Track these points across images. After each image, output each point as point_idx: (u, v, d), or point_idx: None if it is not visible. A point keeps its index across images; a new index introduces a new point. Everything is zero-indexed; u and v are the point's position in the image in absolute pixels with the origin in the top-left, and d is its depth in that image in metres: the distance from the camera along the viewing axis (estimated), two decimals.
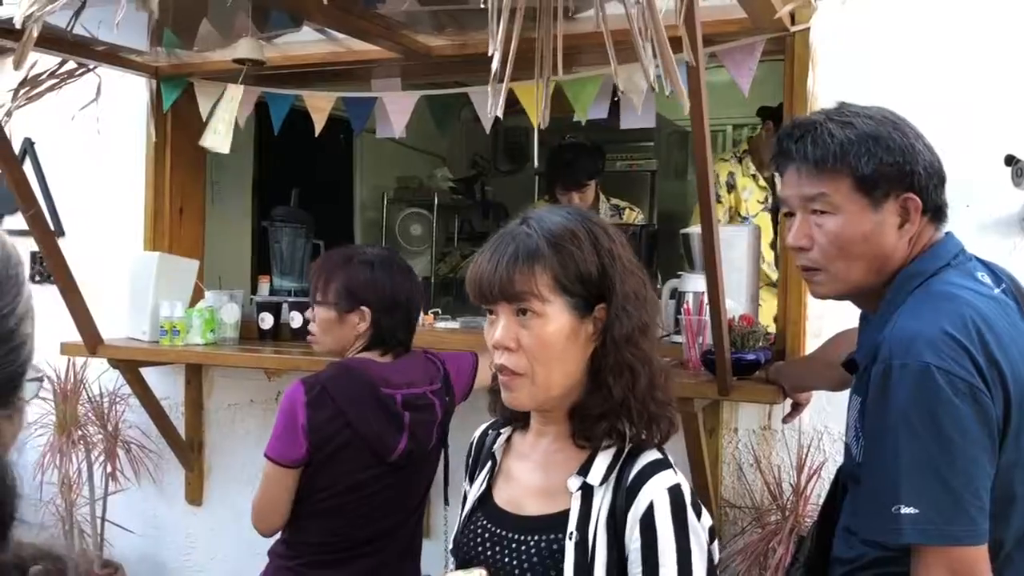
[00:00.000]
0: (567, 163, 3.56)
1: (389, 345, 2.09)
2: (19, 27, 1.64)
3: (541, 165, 4.22)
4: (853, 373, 1.49)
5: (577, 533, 1.23)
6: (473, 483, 1.43)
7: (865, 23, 2.32)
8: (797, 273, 1.78)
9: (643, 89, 2.37)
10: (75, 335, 2.85)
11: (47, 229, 2.80)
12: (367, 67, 2.83)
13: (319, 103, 2.80)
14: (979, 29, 2.23)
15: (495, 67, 1.33)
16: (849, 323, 1.69)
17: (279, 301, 3.10)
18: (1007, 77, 2.22)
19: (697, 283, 2.38)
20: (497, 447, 1.41)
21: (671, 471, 1.25)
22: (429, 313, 2.99)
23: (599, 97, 2.54)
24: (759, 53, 2.32)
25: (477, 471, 1.44)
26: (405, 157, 5.06)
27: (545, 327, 1.23)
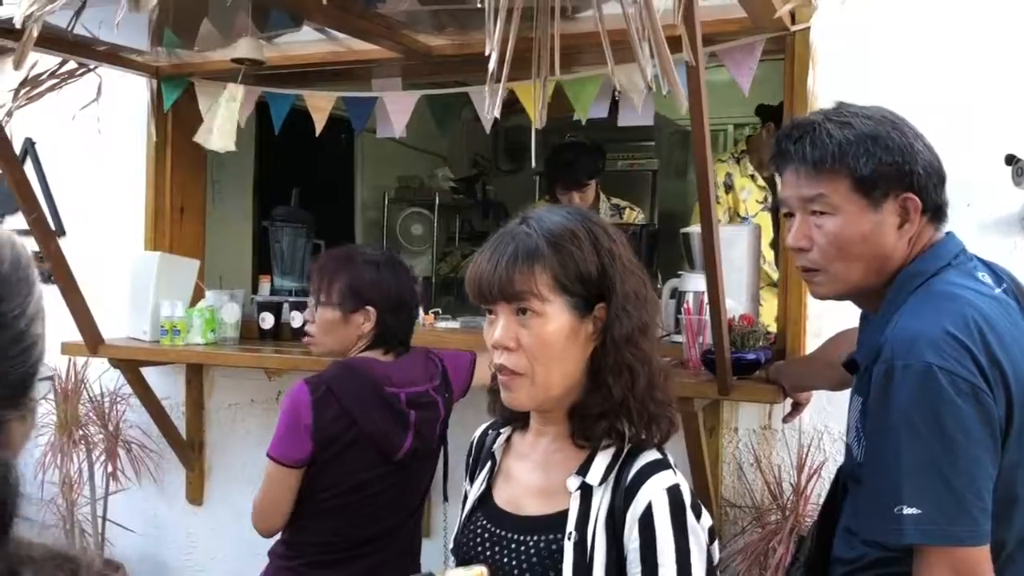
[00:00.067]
0: (567, 163, 3.56)
1: (391, 344, 2.09)
2: (19, 27, 1.64)
3: (539, 165, 4.21)
4: (854, 373, 1.49)
5: (576, 533, 1.23)
6: (473, 483, 1.43)
7: (865, 23, 2.31)
8: (797, 273, 1.78)
9: (642, 89, 2.37)
10: (76, 335, 2.86)
11: (48, 229, 2.80)
12: (367, 67, 2.83)
13: (319, 103, 2.80)
14: (979, 29, 2.23)
15: (492, 67, 1.33)
16: (849, 323, 1.69)
17: (280, 301, 3.10)
18: (1007, 77, 2.22)
19: (697, 283, 2.38)
20: (497, 447, 1.41)
21: (670, 471, 1.24)
22: (429, 313, 2.99)
23: (599, 97, 2.54)
24: (759, 52, 2.32)
25: (477, 471, 1.43)
26: (406, 157, 5.05)
27: (545, 327, 1.23)
